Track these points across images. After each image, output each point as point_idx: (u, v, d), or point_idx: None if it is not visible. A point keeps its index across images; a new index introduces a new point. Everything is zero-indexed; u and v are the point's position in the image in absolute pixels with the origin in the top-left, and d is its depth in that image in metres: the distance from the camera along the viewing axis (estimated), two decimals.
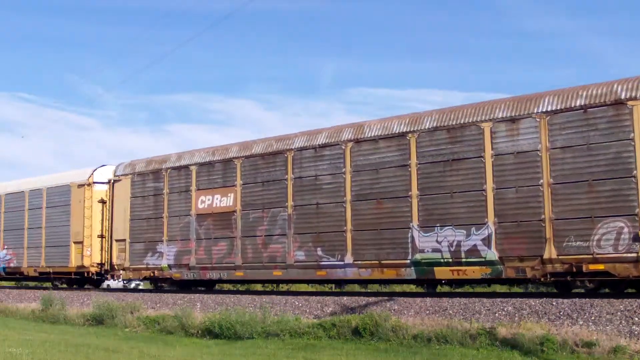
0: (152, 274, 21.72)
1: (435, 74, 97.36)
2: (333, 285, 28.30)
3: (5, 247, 27.52)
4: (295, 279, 18.57)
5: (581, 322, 12.37)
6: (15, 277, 27.90)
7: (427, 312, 14.45)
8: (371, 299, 16.16)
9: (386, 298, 16.36)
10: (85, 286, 26.23)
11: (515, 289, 22.81)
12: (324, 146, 18.12)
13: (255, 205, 19.26)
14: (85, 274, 24.14)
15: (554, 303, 13.46)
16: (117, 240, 22.89)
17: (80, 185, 24.44)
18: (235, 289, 25.28)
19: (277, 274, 18.68)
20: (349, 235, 17.32)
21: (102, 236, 23.92)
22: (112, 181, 23.32)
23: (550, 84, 79.12)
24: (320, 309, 16.18)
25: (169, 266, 21.15)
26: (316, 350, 12.97)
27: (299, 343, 13.79)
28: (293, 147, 18.71)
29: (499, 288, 22.04)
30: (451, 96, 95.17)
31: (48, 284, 31.96)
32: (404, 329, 13.32)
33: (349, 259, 17.25)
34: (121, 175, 23.13)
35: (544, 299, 14.02)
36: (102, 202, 24.10)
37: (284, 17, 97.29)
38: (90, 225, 23.94)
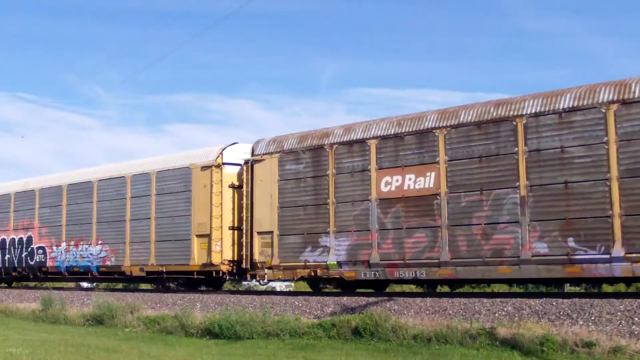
0: (312, 274, 17.90)
1: (435, 74, 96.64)
2: (332, 286, 26.10)
3: (99, 242, 23.43)
4: (532, 277, 14.82)
5: (581, 322, 12.22)
6: (113, 277, 23.76)
7: (427, 312, 14.31)
8: (371, 299, 15.92)
9: (386, 298, 15.99)
10: (200, 288, 22.31)
11: (515, 289, 22.47)
12: (572, 110, 14.42)
13: (468, 186, 15.51)
14: (214, 274, 20.19)
15: (554, 303, 13.28)
16: (259, 233, 19.02)
17: (205, 167, 20.49)
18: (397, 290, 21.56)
19: (505, 271, 14.94)
20: (616, 221, 13.64)
21: (234, 228, 20.05)
22: (251, 162, 19.43)
23: (551, 84, 78.25)
24: (320, 309, 15.92)
25: (339, 263, 17.35)
26: (316, 350, 13.05)
27: (299, 343, 13.85)
28: (524, 113, 14.98)
29: (497, 288, 22.17)
30: (451, 96, 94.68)
31: (50, 284, 29.28)
32: (404, 329, 13.31)
33: (617, 251, 13.58)
34: (264, 154, 19.26)
35: (544, 299, 13.78)
36: (233, 187, 20.23)
37: (284, 17, 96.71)
38: (220, 215, 19.99)
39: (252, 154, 19.59)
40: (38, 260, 25.80)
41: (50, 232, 25.45)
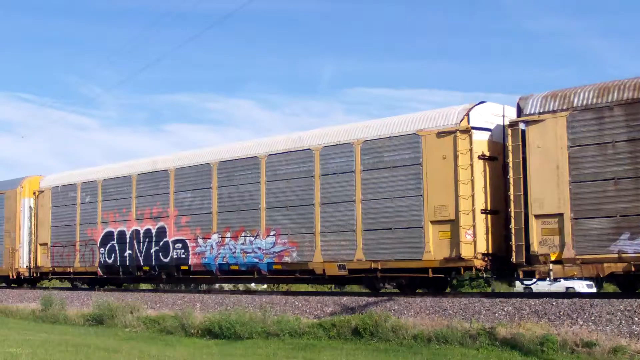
0: (632, 269, 13.32)
1: (435, 74, 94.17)
2: (333, 286, 25.38)
3: (272, 232, 18.58)
4: None
5: (581, 322, 12.18)
6: (293, 276, 18.55)
7: (427, 312, 14.24)
8: (371, 299, 15.83)
9: (386, 298, 15.77)
10: (419, 291, 17.48)
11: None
12: None
13: None
14: (462, 271, 15.48)
15: (554, 303, 13.17)
16: (539, 217, 14.44)
17: (443, 134, 15.74)
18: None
19: None
20: None
21: (487, 211, 15.42)
22: (522, 124, 14.82)
23: (551, 84, 76.21)
24: (320, 309, 15.91)
25: None
26: (316, 350, 13.03)
27: (299, 343, 13.84)
28: None
29: (498, 288, 21.82)
30: (451, 96, 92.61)
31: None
32: (404, 329, 13.27)
33: None
34: (541, 112, 14.65)
35: (544, 299, 13.67)
36: (484, 157, 15.60)
37: (284, 17, 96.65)
38: (471, 195, 15.30)
39: (520, 114, 14.99)
40: (176, 256, 20.89)
41: (193, 222, 20.53)
